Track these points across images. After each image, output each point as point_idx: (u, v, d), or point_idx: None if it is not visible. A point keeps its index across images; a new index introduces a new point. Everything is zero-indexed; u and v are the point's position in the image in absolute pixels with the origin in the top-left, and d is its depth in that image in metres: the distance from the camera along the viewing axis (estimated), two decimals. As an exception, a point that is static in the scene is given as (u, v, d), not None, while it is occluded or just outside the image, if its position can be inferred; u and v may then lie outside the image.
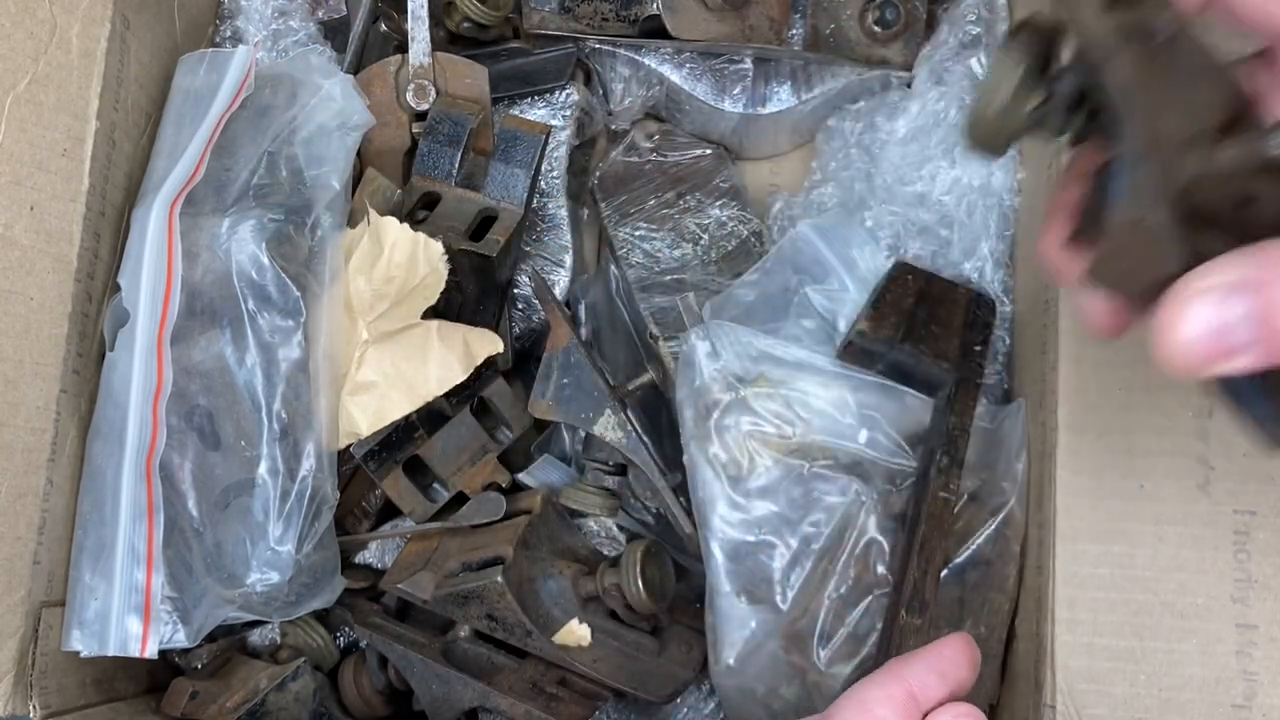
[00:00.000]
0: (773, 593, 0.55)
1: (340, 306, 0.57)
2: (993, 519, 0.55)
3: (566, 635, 0.57)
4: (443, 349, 0.57)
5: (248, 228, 0.53)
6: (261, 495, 0.54)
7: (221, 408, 0.54)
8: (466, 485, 0.62)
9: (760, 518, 0.56)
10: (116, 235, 0.56)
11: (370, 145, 0.63)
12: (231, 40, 0.66)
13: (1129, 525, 0.49)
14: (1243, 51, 0.35)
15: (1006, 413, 0.57)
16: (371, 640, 0.60)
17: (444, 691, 0.58)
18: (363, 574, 0.64)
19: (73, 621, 0.52)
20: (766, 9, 0.65)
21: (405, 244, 0.56)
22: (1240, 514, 0.49)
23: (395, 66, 0.63)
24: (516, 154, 0.61)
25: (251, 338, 0.54)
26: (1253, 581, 0.48)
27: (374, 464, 0.59)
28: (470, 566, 0.57)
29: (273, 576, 0.54)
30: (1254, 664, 0.47)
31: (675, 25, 0.63)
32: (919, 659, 0.43)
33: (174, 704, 0.58)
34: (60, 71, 0.53)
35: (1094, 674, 0.48)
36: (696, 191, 0.70)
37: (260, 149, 0.56)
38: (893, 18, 0.66)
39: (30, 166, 0.51)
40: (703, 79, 0.68)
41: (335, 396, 0.56)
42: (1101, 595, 0.49)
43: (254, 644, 0.62)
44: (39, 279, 0.51)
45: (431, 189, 0.61)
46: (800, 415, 0.56)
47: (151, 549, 0.52)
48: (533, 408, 0.60)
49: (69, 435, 0.53)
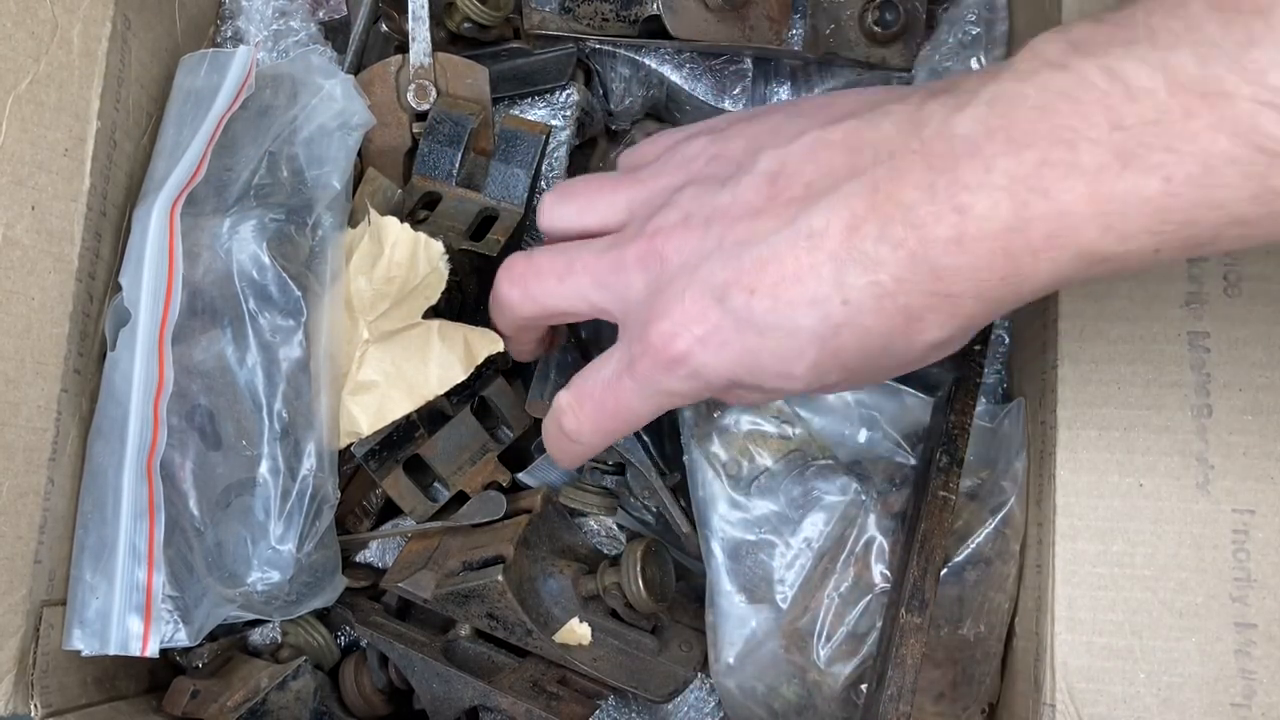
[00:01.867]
0: (773, 592, 0.55)
1: (341, 306, 0.57)
2: (992, 518, 0.55)
3: (567, 634, 0.57)
4: (443, 348, 0.57)
5: (249, 227, 0.53)
6: (262, 494, 0.54)
7: (222, 407, 0.54)
8: (467, 484, 0.62)
9: (760, 517, 0.56)
10: (118, 235, 0.56)
11: (371, 145, 0.63)
12: (232, 40, 0.66)
13: (1128, 524, 0.49)
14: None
15: (1006, 412, 0.58)
16: (372, 639, 0.60)
17: (444, 690, 0.58)
18: (363, 573, 0.64)
19: (74, 620, 0.52)
20: (766, 9, 0.65)
21: (406, 244, 0.56)
22: (1239, 513, 0.49)
23: (396, 67, 0.63)
24: (517, 154, 0.61)
25: (252, 337, 0.54)
26: (1252, 580, 0.48)
27: (375, 463, 0.59)
28: (471, 565, 0.57)
29: (274, 575, 0.54)
30: (1253, 663, 0.48)
31: (675, 25, 0.63)
32: None
33: (175, 703, 0.58)
34: (61, 71, 0.53)
35: (1093, 673, 0.49)
36: (696, 191, 0.70)
37: (261, 149, 0.56)
38: (892, 18, 0.66)
39: (31, 166, 0.51)
40: (703, 79, 0.68)
41: (336, 396, 0.57)
42: (1101, 594, 0.49)
43: (255, 643, 0.62)
44: (40, 279, 0.51)
45: (432, 189, 0.61)
46: (800, 414, 0.56)
47: (152, 548, 0.52)
48: (530, 408, 0.60)
49: (70, 434, 0.53)
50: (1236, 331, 0.50)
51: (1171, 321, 0.50)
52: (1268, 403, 0.49)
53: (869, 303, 0.37)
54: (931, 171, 0.36)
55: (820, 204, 0.38)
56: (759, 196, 0.40)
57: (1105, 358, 0.51)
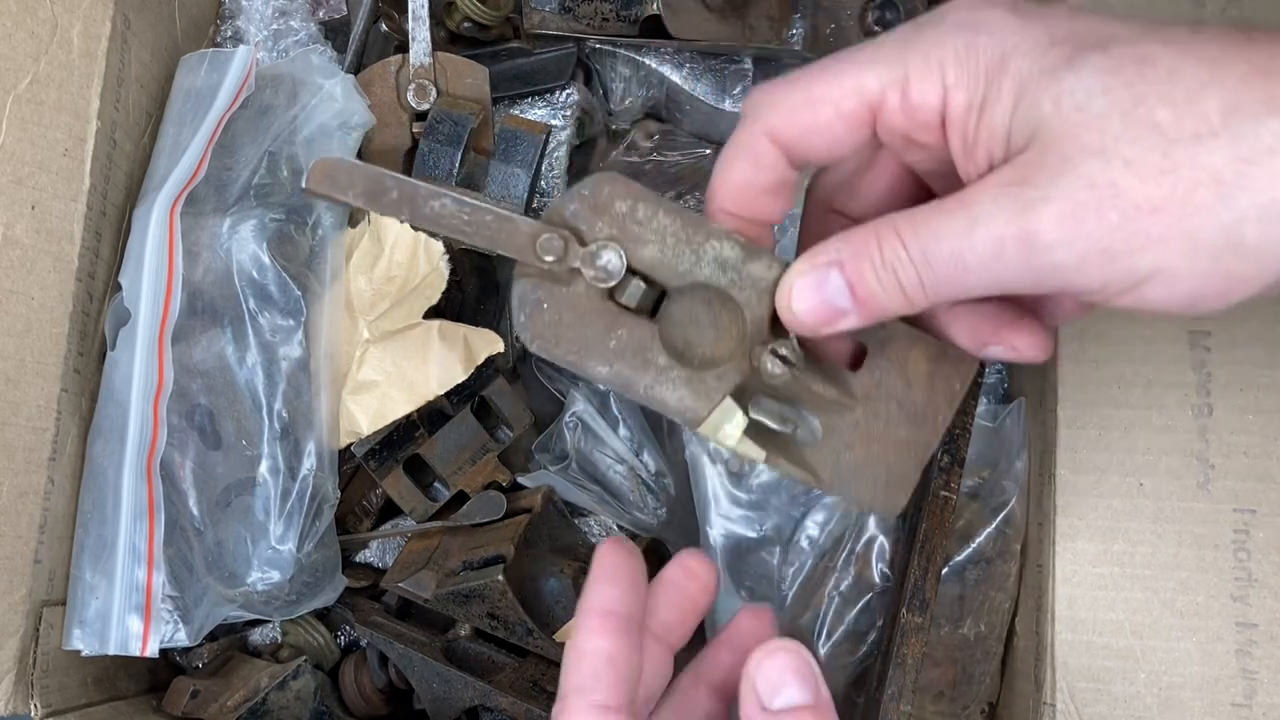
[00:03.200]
0: (774, 589, 0.55)
1: (341, 306, 0.57)
2: (993, 517, 0.55)
3: (567, 634, 0.57)
4: (444, 348, 0.57)
5: (249, 227, 0.53)
6: (262, 494, 0.54)
7: (222, 407, 0.54)
8: (467, 484, 0.62)
9: (761, 515, 0.56)
10: (118, 235, 0.56)
11: (371, 145, 0.63)
12: (232, 40, 0.66)
13: (1129, 524, 0.49)
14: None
15: (1008, 412, 0.58)
16: (372, 639, 0.60)
17: (445, 690, 0.58)
18: (363, 573, 0.64)
19: (74, 620, 0.52)
20: (767, 9, 0.65)
21: (406, 243, 0.57)
22: (1240, 512, 0.49)
23: (396, 66, 0.63)
24: (517, 154, 0.61)
25: (252, 337, 0.54)
26: (1253, 580, 0.48)
27: (375, 463, 0.59)
28: (471, 565, 0.57)
29: (274, 575, 0.54)
30: (1254, 662, 0.47)
31: (675, 25, 0.63)
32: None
33: (175, 702, 0.58)
34: (61, 71, 0.53)
35: (1094, 672, 0.49)
36: (697, 191, 0.70)
37: (261, 148, 0.56)
38: (893, 17, 0.66)
39: (31, 166, 0.51)
40: (703, 79, 0.68)
41: (336, 395, 0.57)
42: (1101, 594, 0.49)
43: (255, 643, 0.62)
44: (40, 278, 0.51)
45: (432, 188, 0.61)
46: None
47: (152, 548, 0.52)
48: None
49: (70, 434, 0.53)
50: (1237, 331, 0.50)
51: (1172, 321, 0.50)
52: (1268, 402, 0.49)
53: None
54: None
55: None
56: None
57: (1106, 357, 0.51)
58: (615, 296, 0.38)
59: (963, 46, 0.35)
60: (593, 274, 0.38)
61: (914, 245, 0.35)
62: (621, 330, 0.38)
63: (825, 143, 0.37)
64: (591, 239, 0.38)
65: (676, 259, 0.38)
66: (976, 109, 0.35)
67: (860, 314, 0.36)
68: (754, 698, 0.36)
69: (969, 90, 0.35)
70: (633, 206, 0.39)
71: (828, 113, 0.37)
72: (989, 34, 0.35)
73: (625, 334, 0.38)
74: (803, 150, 0.38)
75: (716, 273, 0.39)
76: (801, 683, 0.35)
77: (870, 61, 0.36)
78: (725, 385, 0.39)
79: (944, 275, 0.34)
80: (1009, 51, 0.34)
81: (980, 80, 0.34)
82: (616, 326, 0.38)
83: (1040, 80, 0.33)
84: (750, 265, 0.39)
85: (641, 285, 0.38)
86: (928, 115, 0.36)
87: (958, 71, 0.35)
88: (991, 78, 0.34)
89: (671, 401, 0.39)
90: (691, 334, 0.39)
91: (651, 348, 0.39)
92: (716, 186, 0.39)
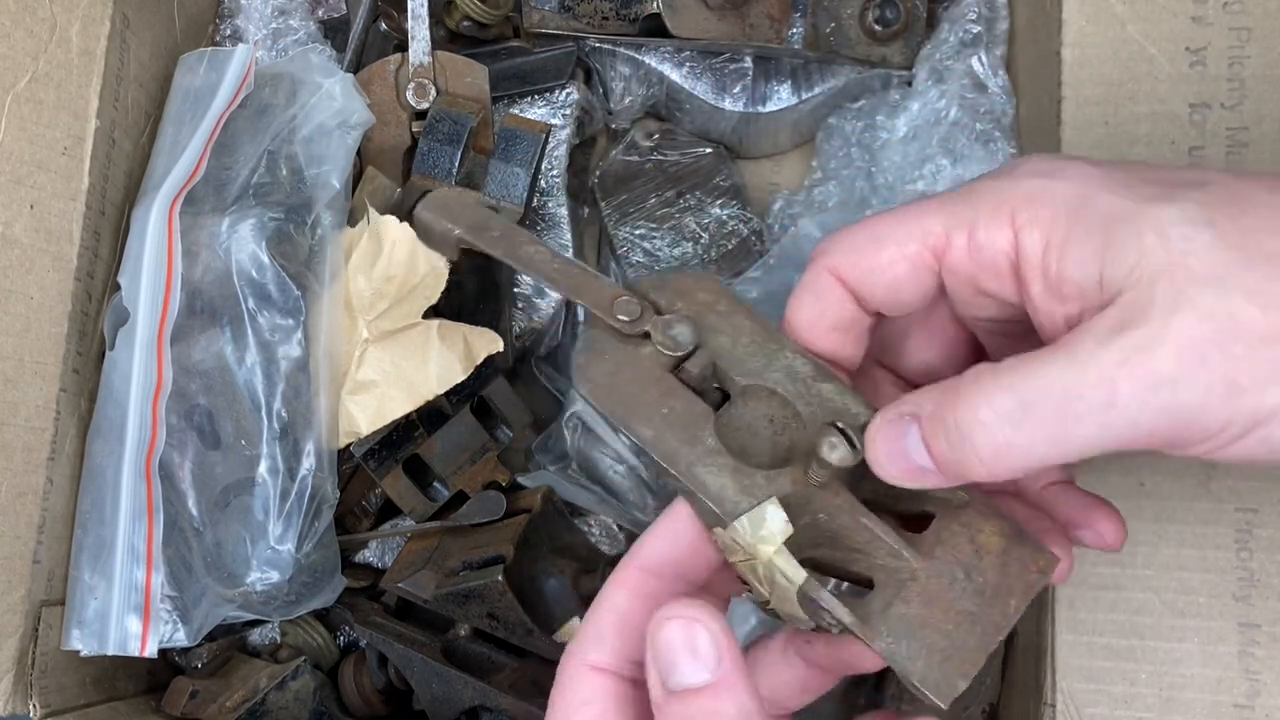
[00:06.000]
0: (773, 591, 0.55)
1: (340, 305, 0.57)
2: (994, 518, 0.55)
3: (567, 634, 0.57)
4: (443, 348, 0.57)
5: (248, 226, 0.53)
6: (261, 494, 0.54)
7: (221, 407, 0.54)
8: (467, 484, 0.62)
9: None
10: (116, 234, 0.56)
11: (370, 144, 0.63)
12: (231, 39, 0.66)
13: (1129, 523, 0.49)
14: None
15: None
16: (372, 639, 0.60)
17: (444, 690, 0.58)
18: (363, 573, 0.64)
19: (72, 620, 0.52)
20: (767, 8, 0.65)
21: (405, 243, 0.56)
22: (1242, 512, 0.48)
23: (395, 65, 0.63)
24: (516, 153, 0.61)
25: (251, 336, 0.54)
26: (1255, 580, 0.48)
27: (374, 463, 0.59)
28: (471, 565, 0.57)
29: (273, 575, 0.54)
30: (1256, 663, 0.47)
31: (675, 24, 0.63)
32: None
33: (174, 703, 0.58)
34: (60, 70, 0.53)
35: (1094, 673, 0.48)
36: (697, 190, 0.70)
37: (260, 148, 0.56)
38: (893, 16, 0.66)
39: (30, 165, 0.51)
40: (703, 78, 0.68)
41: (335, 395, 0.56)
42: (1102, 594, 0.49)
43: (254, 643, 0.62)
44: (39, 278, 0.51)
45: (431, 188, 0.61)
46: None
47: (151, 548, 0.52)
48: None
49: (69, 434, 0.53)
50: (1239, 330, 0.50)
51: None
52: (1270, 402, 0.49)
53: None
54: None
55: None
56: None
57: (1107, 357, 0.51)
58: (679, 372, 0.37)
59: (1037, 189, 0.34)
60: (662, 340, 0.37)
61: (1008, 397, 0.31)
62: (677, 403, 0.37)
63: (887, 283, 0.36)
64: (668, 312, 0.38)
65: (748, 356, 0.37)
66: (1058, 248, 0.33)
67: (943, 476, 0.34)
68: (655, 676, 0.32)
69: (1045, 230, 0.33)
70: (715, 299, 0.38)
71: (891, 252, 0.36)
72: (1066, 179, 0.33)
73: (680, 406, 0.37)
74: (868, 289, 0.37)
75: (785, 381, 0.37)
76: (694, 659, 0.31)
77: (939, 204, 0.35)
78: (774, 488, 0.35)
79: (1048, 431, 0.31)
80: (1093, 192, 0.33)
81: (1061, 220, 0.33)
82: (673, 398, 0.37)
83: (1138, 212, 0.32)
84: (822, 385, 0.37)
85: (709, 364, 0.37)
86: (995, 258, 0.34)
87: (1031, 213, 0.33)
88: (1075, 217, 0.33)
89: (712, 486, 0.35)
90: (748, 440, 0.37)
91: (704, 428, 0.37)
92: (789, 319, 0.38)
